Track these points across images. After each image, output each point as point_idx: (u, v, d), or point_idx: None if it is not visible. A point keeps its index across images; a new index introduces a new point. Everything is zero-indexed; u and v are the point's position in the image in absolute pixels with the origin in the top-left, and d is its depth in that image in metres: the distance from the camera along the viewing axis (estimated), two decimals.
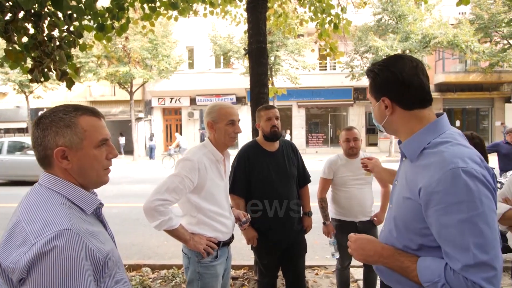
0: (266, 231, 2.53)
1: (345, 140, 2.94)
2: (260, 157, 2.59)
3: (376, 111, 1.26)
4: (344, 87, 19.11)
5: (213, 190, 1.96)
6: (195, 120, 20.58)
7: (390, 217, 1.26)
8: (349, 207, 2.94)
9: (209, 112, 2.02)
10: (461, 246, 0.98)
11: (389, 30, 15.57)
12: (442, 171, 1.02)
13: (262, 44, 3.74)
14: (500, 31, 15.66)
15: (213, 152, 2.00)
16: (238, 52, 16.18)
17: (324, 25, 4.24)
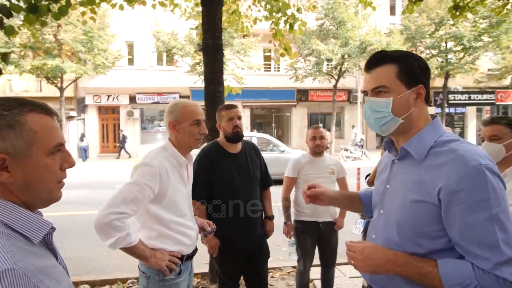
0: (229, 238, 2.38)
1: (312, 138, 2.94)
2: (223, 159, 2.44)
3: (403, 100, 1.11)
4: (288, 88, 19.57)
5: (176, 198, 1.75)
6: (135, 120, 19.41)
7: (387, 224, 1.17)
8: (313, 207, 2.89)
9: (171, 111, 1.80)
10: (490, 244, 0.95)
11: (330, 35, 16.33)
12: (464, 168, 0.98)
13: (217, 40, 3.58)
14: (424, 42, 17.38)
15: (175, 155, 1.79)
16: (183, 49, 15.62)
17: (279, 25, 4.20)
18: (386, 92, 1.12)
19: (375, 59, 1.15)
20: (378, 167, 1.43)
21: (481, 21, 15.93)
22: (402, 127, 1.13)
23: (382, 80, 1.12)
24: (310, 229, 2.93)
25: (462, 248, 1.01)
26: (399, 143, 1.21)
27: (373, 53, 1.20)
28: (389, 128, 1.15)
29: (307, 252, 2.98)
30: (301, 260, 2.99)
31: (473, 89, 20.37)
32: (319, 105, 20.49)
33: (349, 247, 1.16)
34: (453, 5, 3.85)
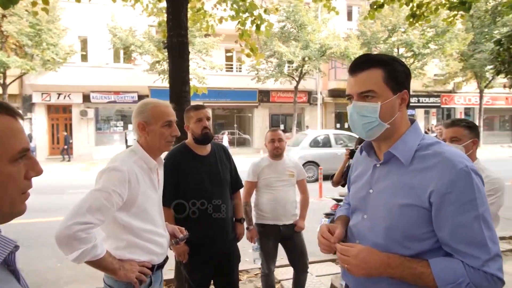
0: (199, 243, 2.29)
1: (270, 140, 2.93)
2: (191, 162, 2.34)
3: (389, 106, 1.11)
4: (250, 89, 19.63)
5: (146, 205, 1.64)
6: (89, 120, 18.34)
7: (373, 229, 1.17)
8: (273, 210, 2.91)
9: (140, 111, 1.68)
10: (479, 242, 0.99)
11: (291, 38, 16.64)
12: (453, 171, 1.01)
13: (183, 38, 3.44)
14: (378, 47, 18.32)
15: (145, 159, 1.67)
16: (142, 47, 15.03)
17: (245, 25, 4.16)
18: (374, 97, 1.11)
19: (361, 63, 1.14)
20: (351, 171, 1.42)
21: (429, 30, 17.15)
22: (387, 132, 1.14)
23: (369, 85, 1.11)
24: (271, 232, 2.92)
25: (451, 248, 1.04)
26: (380, 147, 1.21)
27: (359, 57, 1.18)
28: (375, 133, 1.14)
29: (270, 255, 2.97)
30: (265, 262, 2.98)
31: (421, 93, 21.88)
32: (281, 106, 20.80)
33: (342, 251, 1.12)
34: (410, 13, 4.07)
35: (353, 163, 1.43)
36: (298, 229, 2.99)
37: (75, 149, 18.02)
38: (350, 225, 1.32)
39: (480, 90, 21.10)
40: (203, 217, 2.31)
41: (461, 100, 23.11)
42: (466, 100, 23.13)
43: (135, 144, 1.71)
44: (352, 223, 1.31)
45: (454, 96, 22.85)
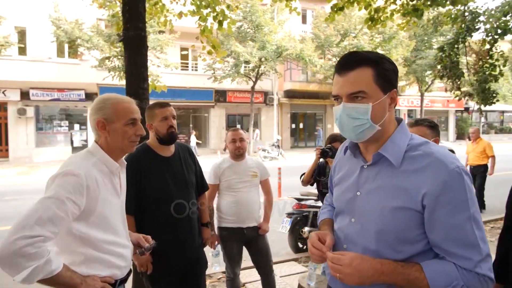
0: (164, 251, 2.11)
1: (232, 140, 2.84)
2: (155, 163, 2.18)
3: (380, 106, 1.07)
4: (206, 89, 19.30)
5: (107, 213, 1.45)
6: (29, 119, 16.75)
7: (363, 232, 1.13)
8: (237, 213, 2.82)
9: (99, 108, 1.49)
10: (471, 243, 0.99)
11: (248, 38, 16.65)
12: (445, 172, 1.00)
13: (141, 31, 3.23)
14: (332, 50, 19.03)
15: (105, 161, 1.48)
16: (90, 41, 14.06)
17: (206, 21, 4.02)
18: (364, 97, 1.06)
19: (350, 62, 1.08)
20: (334, 172, 1.38)
21: (377, 36, 18.18)
22: (377, 133, 1.10)
23: (360, 85, 1.06)
24: (235, 235, 2.83)
25: (443, 250, 1.02)
26: (367, 148, 1.18)
27: (346, 55, 1.11)
28: (366, 135, 1.10)
29: (235, 259, 2.89)
30: (229, 267, 2.89)
31: None
32: (237, 106, 20.74)
33: (334, 260, 1.06)
34: (369, 17, 4.22)
35: (334, 164, 1.38)
36: (262, 232, 2.92)
37: (11, 152, 16.37)
38: (336, 228, 1.28)
39: (421, 93, 22.91)
40: (169, 222, 2.16)
41: (405, 102, 24.86)
42: (409, 102, 24.95)
43: (93, 145, 1.51)
44: (337, 226, 1.27)
45: (398, 98, 24.46)
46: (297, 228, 4.72)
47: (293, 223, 4.69)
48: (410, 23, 4.31)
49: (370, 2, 3.97)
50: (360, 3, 3.95)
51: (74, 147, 17.23)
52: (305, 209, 4.77)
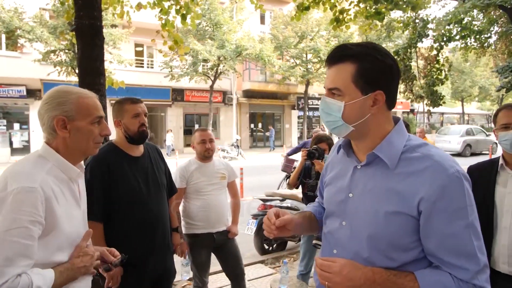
0: (136, 261, 1.91)
1: (200, 141, 2.69)
2: (123, 164, 1.98)
3: (356, 107, 1.00)
4: (162, 87, 18.64)
5: (69, 230, 1.21)
6: None
7: (354, 237, 1.05)
8: (206, 218, 2.67)
9: (59, 103, 1.23)
10: (468, 253, 0.93)
11: (207, 36, 16.33)
12: (443, 176, 0.93)
13: (96, 21, 2.94)
14: (290, 51, 19.34)
15: (62, 166, 1.24)
16: (32, 32, 12.85)
17: (169, 14, 3.79)
18: (339, 95, 1.02)
19: (335, 55, 1.03)
20: (326, 172, 1.30)
21: (332, 39, 18.81)
22: (355, 134, 1.05)
23: (336, 81, 1.02)
24: (204, 242, 2.68)
25: (438, 259, 0.96)
26: (358, 147, 1.11)
27: (336, 46, 1.06)
28: (341, 133, 1.07)
29: (204, 266, 2.74)
30: (198, 275, 2.72)
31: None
32: (195, 105, 20.29)
33: (323, 267, 0.99)
34: (334, 18, 4.27)
35: (327, 163, 1.30)
36: (232, 236, 2.80)
37: None
38: (325, 231, 1.20)
39: None
40: (142, 228, 1.96)
41: None
42: None
43: (44, 147, 1.25)
44: (327, 229, 1.19)
45: None
46: (263, 230, 4.64)
47: (259, 224, 4.61)
48: (372, 25, 4.45)
49: (335, 3, 4.02)
50: (326, 3, 3.98)
51: (13, 148, 15.68)
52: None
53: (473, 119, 38.06)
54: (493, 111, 36.43)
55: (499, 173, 1.76)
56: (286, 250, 4.82)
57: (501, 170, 1.76)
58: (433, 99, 7.83)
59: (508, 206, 1.68)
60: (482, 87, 28.23)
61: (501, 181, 1.74)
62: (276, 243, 4.79)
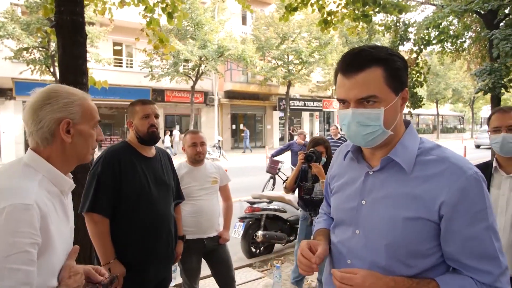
0: (140, 265, 1.88)
1: (192, 144, 2.60)
2: (135, 162, 1.96)
3: (392, 109, 0.97)
4: (142, 87, 18.23)
5: (60, 251, 1.06)
6: None
7: (370, 246, 1.01)
8: (197, 223, 2.59)
9: (65, 104, 1.08)
10: (490, 255, 0.92)
11: (188, 36, 16.10)
12: (462, 179, 0.92)
13: (78, 17, 2.79)
14: (271, 53, 19.38)
15: (54, 178, 1.08)
16: (3, 28, 12.24)
17: (154, 12, 3.67)
18: (376, 102, 0.96)
19: (358, 61, 0.96)
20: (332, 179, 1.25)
21: (314, 41, 19.01)
22: (388, 138, 1.01)
23: (371, 89, 0.95)
24: (194, 247, 2.59)
25: (459, 263, 0.94)
26: (374, 153, 1.07)
27: (352, 52, 0.99)
28: (377, 142, 1.00)
29: (194, 273, 2.65)
30: (187, 282, 2.63)
31: (307, 97, 24.16)
32: (176, 106, 19.98)
33: (344, 280, 0.94)
34: (322, 19, 4.27)
35: (333, 171, 1.25)
36: (223, 241, 2.72)
37: None
38: (335, 241, 1.15)
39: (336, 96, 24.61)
40: (146, 229, 1.91)
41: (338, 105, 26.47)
42: None
43: (31, 155, 1.07)
44: (337, 239, 1.14)
45: (332, 101, 25.98)
46: (250, 233, 4.58)
47: (246, 227, 4.54)
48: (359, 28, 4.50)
49: (323, 4, 4.02)
50: (314, 5, 3.97)
51: None
52: (258, 212, 4.64)
53: (446, 120, 39.58)
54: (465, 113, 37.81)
55: (493, 175, 1.79)
56: (274, 253, 4.77)
57: (495, 173, 1.78)
58: (413, 101, 8.04)
59: (501, 208, 1.71)
60: (455, 89, 29.36)
61: (495, 184, 1.77)
62: (263, 246, 4.73)
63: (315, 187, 3.10)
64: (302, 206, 3.31)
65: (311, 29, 18.34)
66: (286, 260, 4.45)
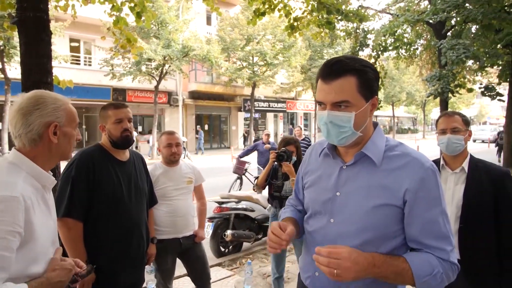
0: (110, 270, 1.87)
1: (167, 145, 2.62)
2: (109, 165, 1.94)
3: (362, 114, 1.12)
4: (102, 86, 17.51)
5: (43, 240, 1.14)
6: None
7: (343, 232, 1.15)
8: (173, 223, 2.62)
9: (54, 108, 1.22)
10: (444, 235, 1.09)
11: (151, 34, 15.70)
12: (422, 170, 1.09)
13: (42, 13, 2.71)
14: (237, 54, 19.44)
15: (37, 174, 1.18)
16: None
17: (121, 12, 3.61)
18: (348, 106, 1.10)
19: (336, 70, 1.10)
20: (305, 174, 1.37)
21: (278, 43, 19.35)
22: (358, 138, 1.16)
23: (344, 95, 1.09)
24: (170, 247, 2.62)
25: (419, 243, 1.11)
26: (347, 151, 1.22)
27: (331, 62, 1.13)
28: (348, 141, 1.15)
29: (169, 273, 2.68)
30: (162, 282, 2.64)
31: (271, 99, 24.53)
32: (138, 106, 19.38)
33: (332, 254, 1.02)
34: (289, 24, 4.43)
35: (306, 167, 1.38)
36: (199, 240, 2.76)
37: None
38: (310, 230, 1.28)
39: (315, 98, 25.28)
40: (118, 233, 1.90)
41: (301, 106, 27.14)
42: (305, 106, 27.32)
43: (15, 154, 1.17)
44: (312, 228, 1.27)
45: (296, 102, 26.60)
46: (219, 232, 4.63)
47: (215, 227, 4.58)
48: (323, 33, 4.73)
49: (290, 10, 4.18)
50: (281, 10, 4.12)
51: None
52: (226, 212, 4.71)
53: (401, 121, 42.04)
54: (418, 114, 40.28)
55: (441, 172, 2.01)
56: (242, 251, 4.86)
57: (442, 169, 2.01)
58: None
59: (448, 200, 1.93)
60: (409, 92, 31.27)
61: (442, 179, 1.99)
62: (232, 245, 4.80)
63: (285, 184, 3.23)
64: (272, 202, 3.43)
65: (276, 31, 18.65)
66: (255, 258, 4.55)
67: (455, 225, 1.87)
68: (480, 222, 1.82)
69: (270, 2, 4.13)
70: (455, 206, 1.89)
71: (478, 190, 1.84)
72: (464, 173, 1.91)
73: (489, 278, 1.82)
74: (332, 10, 3.89)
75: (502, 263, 1.79)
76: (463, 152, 1.94)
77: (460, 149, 1.91)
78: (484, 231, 1.82)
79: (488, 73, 13.23)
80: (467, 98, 34.37)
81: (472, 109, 46.72)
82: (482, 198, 1.81)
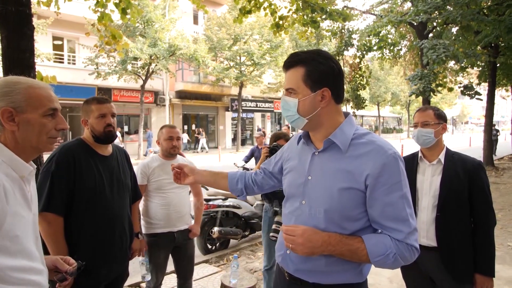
0: (91, 265, 1.80)
1: (168, 138, 2.66)
2: (90, 160, 1.92)
3: (307, 102, 1.21)
4: (86, 85, 17.21)
5: (18, 231, 1.10)
6: None
7: (312, 212, 1.24)
8: (167, 216, 2.63)
9: (4, 93, 1.11)
10: (402, 218, 1.15)
11: (137, 33, 15.53)
12: (383, 156, 1.15)
13: (25, 8, 2.68)
14: (224, 53, 19.42)
15: (14, 163, 1.12)
16: None
17: (106, 8, 3.59)
18: (294, 93, 1.23)
19: (289, 62, 1.25)
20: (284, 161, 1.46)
21: (265, 43, 19.43)
22: (311, 125, 1.26)
23: (291, 83, 1.24)
24: (163, 241, 2.63)
25: (380, 224, 1.19)
26: (315, 136, 1.31)
27: (290, 54, 1.28)
28: (298, 125, 1.27)
29: (161, 267, 2.68)
30: (154, 276, 2.65)
31: (259, 98, 24.59)
32: (124, 105, 19.15)
33: (288, 231, 1.17)
34: (275, 23, 4.48)
35: (285, 154, 1.48)
36: (192, 236, 2.78)
37: None
38: (286, 212, 1.38)
39: None
40: (99, 228, 1.89)
41: None
42: None
43: None
44: (288, 210, 1.37)
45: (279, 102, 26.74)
46: (205, 229, 4.65)
47: (202, 224, 4.60)
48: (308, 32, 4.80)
49: (275, 9, 4.23)
50: (266, 9, 4.16)
51: None
52: (213, 209, 4.73)
53: (386, 121, 42.78)
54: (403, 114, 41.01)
55: (419, 164, 2.10)
56: (229, 248, 4.89)
57: (420, 162, 2.10)
58: (357, 102, 8.70)
59: (426, 190, 2.01)
60: (394, 93, 31.88)
61: (421, 170, 2.08)
62: (219, 242, 4.82)
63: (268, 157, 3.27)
64: (264, 198, 3.46)
65: (263, 31, 18.72)
66: (242, 255, 4.59)
67: (432, 214, 1.95)
68: (456, 210, 1.90)
69: (256, 1, 4.18)
70: (432, 196, 1.97)
71: (454, 181, 1.92)
72: (441, 164, 1.99)
73: (466, 264, 1.90)
74: (317, 9, 3.97)
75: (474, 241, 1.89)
76: (439, 144, 2.03)
77: (429, 141, 1.99)
78: (460, 219, 1.90)
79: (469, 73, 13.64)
80: (449, 98, 35.31)
81: (454, 109, 47.98)
82: (457, 188, 1.90)
